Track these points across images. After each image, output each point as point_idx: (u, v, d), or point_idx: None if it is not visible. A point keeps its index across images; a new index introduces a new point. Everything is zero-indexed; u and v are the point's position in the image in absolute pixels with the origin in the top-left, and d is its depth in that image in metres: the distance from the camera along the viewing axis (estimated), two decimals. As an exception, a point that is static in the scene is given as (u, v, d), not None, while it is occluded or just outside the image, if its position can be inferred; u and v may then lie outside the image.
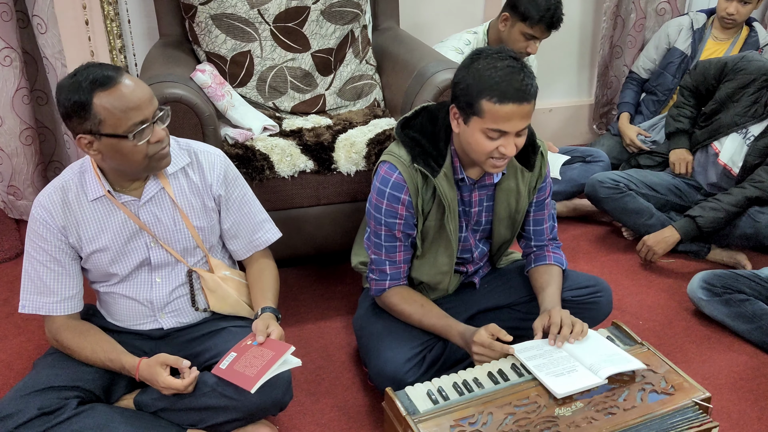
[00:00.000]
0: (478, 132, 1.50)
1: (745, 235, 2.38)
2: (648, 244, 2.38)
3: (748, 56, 2.50)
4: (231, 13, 2.23)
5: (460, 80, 1.51)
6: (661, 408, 1.40)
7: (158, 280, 1.60)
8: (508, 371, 1.52)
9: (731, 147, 2.45)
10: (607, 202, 2.52)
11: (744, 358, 1.99)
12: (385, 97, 2.45)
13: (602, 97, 3.36)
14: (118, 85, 1.37)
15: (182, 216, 1.58)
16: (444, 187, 1.61)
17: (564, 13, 2.42)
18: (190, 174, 1.60)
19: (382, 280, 1.74)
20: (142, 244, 1.56)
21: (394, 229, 1.66)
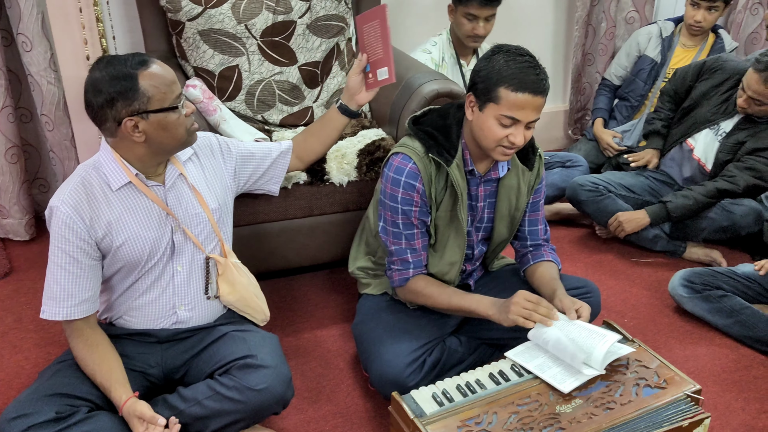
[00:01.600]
0: (492, 118, 1.60)
1: (722, 227, 2.49)
2: (620, 220, 2.50)
3: (723, 56, 2.64)
4: (219, 29, 2.26)
5: (480, 69, 1.61)
6: (655, 401, 1.48)
7: (179, 268, 1.63)
8: (508, 372, 1.57)
9: (704, 143, 2.56)
10: (587, 204, 2.61)
11: (725, 351, 2.09)
12: (371, 108, 2.50)
13: (576, 103, 3.46)
14: (154, 64, 1.48)
15: (199, 199, 1.64)
16: (456, 175, 1.70)
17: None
18: (201, 158, 1.69)
19: (405, 270, 1.78)
20: (168, 230, 1.60)
21: (411, 217, 1.72)
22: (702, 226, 2.51)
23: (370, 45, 1.84)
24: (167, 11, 2.25)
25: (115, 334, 1.63)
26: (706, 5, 2.85)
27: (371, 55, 1.85)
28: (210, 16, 2.25)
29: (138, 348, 1.64)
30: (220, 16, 2.25)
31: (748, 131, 2.43)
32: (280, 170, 1.89)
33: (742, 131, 2.44)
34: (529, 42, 3.18)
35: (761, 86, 2.26)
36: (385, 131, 2.31)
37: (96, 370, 1.52)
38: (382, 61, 1.83)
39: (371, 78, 1.87)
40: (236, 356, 1.58)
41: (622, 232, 2.50)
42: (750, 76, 2.30)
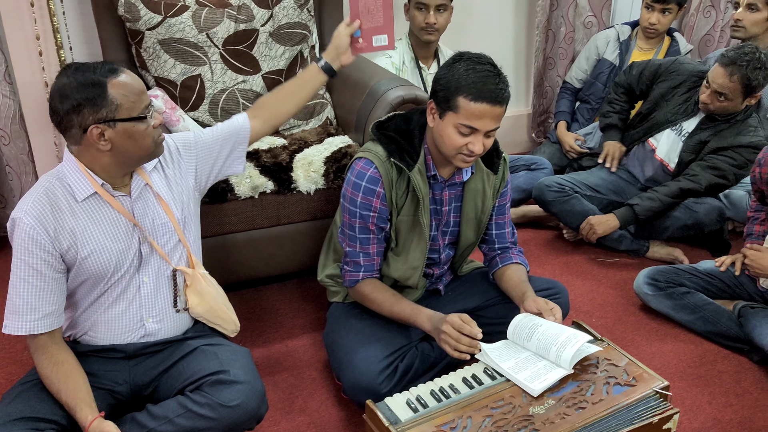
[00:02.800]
0: (451, 127, 1.60)
1: (686, 226, 2.55)
2: (591, 223, 2.54)
3: (680, 59, 2.71)
4: (180, 38, 2.23)
5: (441, 77, 1.62)
6: (625, 399, 1.50)
7: (145, 279, 1.60)
8: (481, 375, 1.58)
9: (666, 143, 2.62)
10: (554, 205, 2.64)
11: (690, 347, 2.13)
12: (337, 116, 2.50)
13: (539, 106, 3.51)
14: (123, 73, 1.45)
15: (165, 209, 1.60)
16: (418, 180, 1.71)
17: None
18: (164, 166, 1.65)
19: (355, 272, 1.80)
20: (135, 241, 1.56)
21: (368, 222, 1.73)
22: (666, 224, 2.57)
23: (369, 13, 1.86)
24: (126, 21, 2.22)
25: (81, 351, 1.58)
26: (660, 8, 2.92)
27: (368, 23, 1.87)
28: (170, 26, 2.22)
29: (104, 365, 1.60)
30: (180, 25, 2.23)
31: (710, 130, 2.49)
32: (243, 148, 1.80)
33: (704, 131, 2.50)
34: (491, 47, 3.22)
35: (726, 80, 2.32)
36: (352, 138, 2.31)
37: (61, 388, 1.47)
38: (382, 29, 1.88)
39: (362, 43, 1.88)
40: (208, 372, 1.54)
41: (594, 235, 2.53)
42: (716, 71, 2.35)
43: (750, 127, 2.43)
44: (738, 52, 2.31)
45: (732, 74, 2.30)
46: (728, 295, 2.20)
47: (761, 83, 2.31)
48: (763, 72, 2.29)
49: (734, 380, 1.99)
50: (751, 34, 2.74)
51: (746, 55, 2.28)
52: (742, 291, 2.18)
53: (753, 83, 2.30)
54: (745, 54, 2.29)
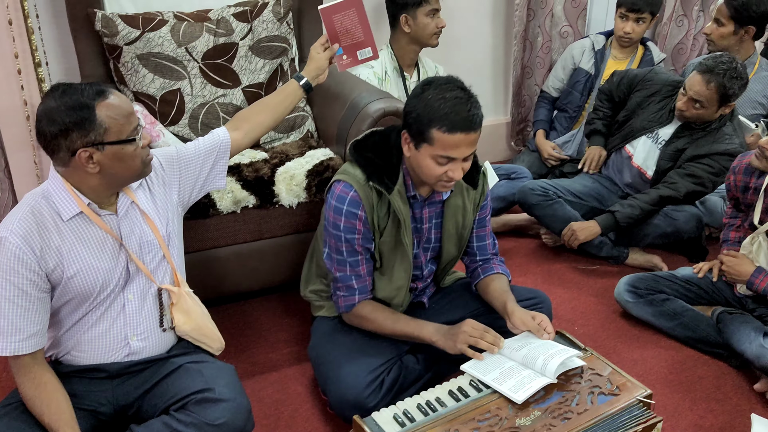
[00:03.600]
0: (428, 158, 1.60)
1: (665, 233, 2.59)
2: (573, 229, 2.56)
3: (655, 69, 2.77)
4: (158, 52, 2.22)
5: (411, 109, 1.60)
6: (610, 408, 1.52)
7: (130, 297, 1.58)
8: (467, 388, 1.59)
9: (643, 150, 2.66)
10: (537, 209, 2.67)
11: (671, 353, 2.17)
12: (317, 128, 2.50)
13: (517, 115, 3.54)
14: (112, 95, 1.44)
15: (151, 226, 1.59)
16: (398, 202, 1.70)
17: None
18: (149, 184, 1.64)
19: (350, 296, 1.79)
20: (122, 259, 1.55)
21: (354, 244, 1.72)
22: (646, 232, 2.60)
23: (347, 32, 1.88)
24: (103, 36, 2.20)
25: (63, 372, 1.56)
26: (634, 17, 2.97)
27: (348, 41, 1.90)
28: (149, 40, 2.21)
29: (87, 385, 1.58)
30: (159, 40, 2.21)
31: (686, 138, 2.53)
32: (224, 161, 1.79)
33: (681, 138, 2.55)
34: (470, 57, 3.25)
35: (703, 87, 2.36)
36: (333, 151, 2.31)
37: (44, 410, 1.45)
38: (364, 43, 1.92)
39: (347, 59, 1.92)
40: (192, 390, 1.53)
41: (576, 241, 2.56)
42: (693, 78, 2.40)
43: (726, 135, 2.48)
44: (716, 60, 2.36)
45: (709, 82, 2.34)
46: (706, 301, 2.24)
47: (737, 93, 2.37)
48: (739, 82, 2.34)
49: (714, 386, 2.02)
50: (721, 47, 2.79)
51: (724, 64, 2.33)
52: (720, 297, 2.21)
53: (729, 92, 2.35)
54: (723, 63, 2.34)
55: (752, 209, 2.07)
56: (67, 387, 1.51)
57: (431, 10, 2.66)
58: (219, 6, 2.35)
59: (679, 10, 3.49)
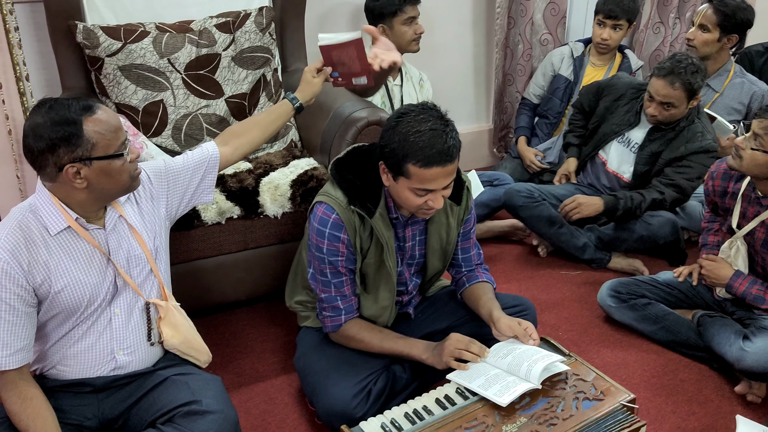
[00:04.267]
0: (407, 190, 1.60)
1: (641, 237, 2.62)
2: (579, 201, 2.56)
3: (618, 75, 2.83)
4: (140, 64, 2.22)
5: (387, 143, 1.58)
6: (594, 414, 1.53)
7: (117, 312, 1.57)
8: (454, 396, 1.60)
9: (616, 155, 2.70)
10: (523, 210, 2.70)
11: (653, 356, 2.19)
12: (301, 138, 2.51)
13: (499, 122, 3.58)
14: (99, 110, 1.44)
15: (139, 241, 1.59)
16: (380, 226, 1.70)
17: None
18: (137, 197, 1.64)
19: (337, 316, 1.79)
20: (110, 274, 1.55)
21: (338, 266, 1.72)
22: (624, 236, 2.64)
23: (344, 64, 1.90)
24: (85, 47, 2.19)
25: (48, 387, 1.55)
26: (611, 24, 3.02)
27: (344, 70, 1.91)
28: (131, 51, 2.20)
29: (72, 400, 1.57)
30: (141, 51, 2.21)
31: (659, 141, 2.58)
32: (213, 176, 1.79)
33: (654, 142, 2.59)
34: (452, 65, 3.27)
35: (669, 89, 2.41)
36: (317, 160, 2.32)
37: (30, 425, 1.44)
38: (360, 73, 1.90)
39: (341, 81, 1.93)
40: (179, 402, 1.53)
41: (578, 215, 2.55)
42: (656, 83, 2.44)
43: (697, 133, 2.52)
44: (672, 61, 2.41)
45: (674, 83, 2.39)
46: (687, 304, 2.27)
47: (701, 84, 2.43)
48: (701, 74, 2.42)
49: (696, 388, 2.05)
50: (703, 54, 2.84)
51: (681, 62, 2.39)
52: (700, 300, 2.25)
53: (694, 86, 2.41)
54: (680, 62, 2.39)
55: (730, 214, 2.11)
56: (53, 402, 1.50)
57: (407, 18, 2.69)
58: (201, 17, 2.36)
59: (655, 17, 3.54)
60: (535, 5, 3.30)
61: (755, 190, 2.00)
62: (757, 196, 1.99)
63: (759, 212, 1.99)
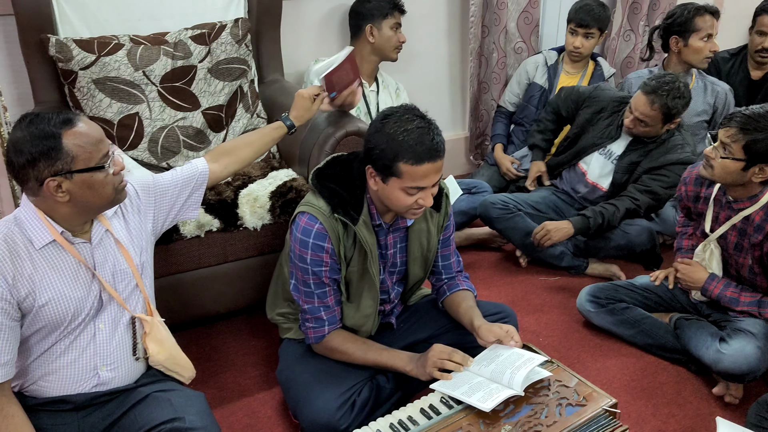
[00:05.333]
0: (397, 190, 1.61)
1: (619, 245, 2.66)
2: (548, 228, 2.57)
3: (601, 86, 2.85)
4: (115, 77, 2.20)
5: (375, 145, 1.59)
6: (578, 419, 1.54)
7: (101, 327, 1.55)
8: (438, 405, 1.60)
9: (597, 167, 2.74)
10: (498, 221, 2.72)
11: (632, 360, 2.22)
12: (279, 149, 2.50)
13: (476, 129, 3.61)
14: (80, 122, 1.43)
15: (125, 255, 1.58)
16: (364, 233, 1.70)
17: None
18: (124, 211, 1.62)
19: (320, 327, 1.78)
20: (96, 288, 1.53)
21: (322, 276, 1.72)
22: (601, 245, 2.68)
23: (341, 80, 2.01)
24: (58, 61, 2.17)
25: (28, 405, 1.51)
26: (583, 32, 3.07)
27: (342, 86, 2.03)
28: (105, 64, 2.18)
29: (53, 419, 1.54)
30: (115, 64, 2.19)
31: (639, 151, 2.62)
32: (200, 192, 1.79)
33: (634, 152, 2.63)
34: (428, 74, 3.29)
35: (647, 108, 2.45)
36: (296, 171, 2.32)
37: None
38: (353, 79, 2.06)
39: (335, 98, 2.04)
40: (162, 420, 1.50)
41: (549, 241, 2.58)
42: (638, 98, 2.48)
43: (677, 144, 2.57)
44: (659, 81, 2.44)
45: (653, 103, 2.43)
46: (664, 308, 2.31)
47: (680, 111, 2.46)
48: (682, 101, 2.43)
49: (675, 391, 2.08)
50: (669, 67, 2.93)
51: (666, 84, 2.42)
52: (677, 303, 2.29)
53: (672, 111, 2.44)
54: (666, 83, 2.42)
55: (703, 218, 2.15)
56: (33, 421, 1.47)
57: (395, 23, 2.73)
58: (176, 29, 2.34)
59: (626, 25, 3.61)
60: (508, 14, 3.34)
61: (726, 195, 2.04)
62: (728, 200, 2.03)
63: (730, 216, 2.04)
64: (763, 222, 1.95)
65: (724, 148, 1.92)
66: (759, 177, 1.90)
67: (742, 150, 1.88)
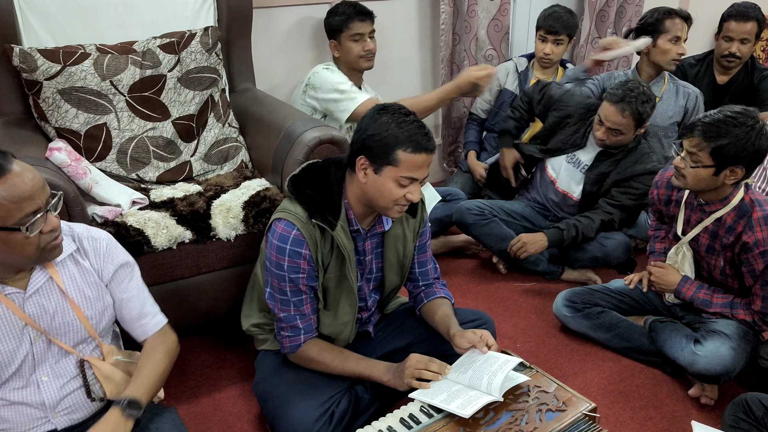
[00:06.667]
0: (390, 181, 1.62)
1: (595, 258, 2.69)
2: (524, 241, 2.60)
3: (572, 91, 2.86)
4: (81, 87, 2.15)
5: (373, 133, 1.61)
6: (558, 425, 1.54)
7: (44, 379, 1.46)
8: (418, 414, 1.59)
9: (566, 176, 2.76)
10: (474, 228, 2.72)
11: (609, 364, 2.23)
12: (252, 158, 2.47)
13: (448, 137, 3.61)
14: (8, 174, 1.27)
15: (72, 306, 1.47)
16: (342, 238, 1.69)
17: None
18: (79, 260, 1.49)
19: (296, 336, 1.76)
20: (27, 340, 1.42)
21: (299, 284, 1.70)
22: (577, 256, 2.70)
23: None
24: (22, 71, 2.11)
25: None
26: (553, 39, 3.10)
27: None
28: (70, 74, 2.13)
29: None
30: (81, 74, 2.14)
31: (608, 162, 2.64)
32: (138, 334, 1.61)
33: (603, 162, 2.65)
34: (400, 82, 3.28)
35: (619, 117, 2.47)
36: (269, 181, 2.29)
37: None
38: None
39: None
40: None
41: (525, 253, 2.60)
42: (607, 109, 2.49)
43: (644, 154, 2.60)
44: (624, 89, 2.45)
45: (623, 110, 2.44)
46: (638, 311, 2.33)
47: (649, 114, 2.49)
48: (650, 104, 2.47)
49: (651, 393, 2.10)
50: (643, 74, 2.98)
51: (632, 91, 2.44)
52: (651, 306, 2.31)
53: (643, 116, 2.47)
54: (631, 90, 2.44)
55: (675, 221, 2.17)
56: None
57: (353, 34, 2.69)
58: (144, 38, 2.30)
59: (594, 32, 3.66)
60: (478, 22, 3.36)
61: (697, 198, 2.07)
62: (700, 203, 2.06)
63: (702, 219, 2.06)
64: (735, 223, 1.98)
65: (691, 157, 1.94)
66: (731, 179, 1.93)
67: (709, 156, 1.90)
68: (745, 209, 1.97)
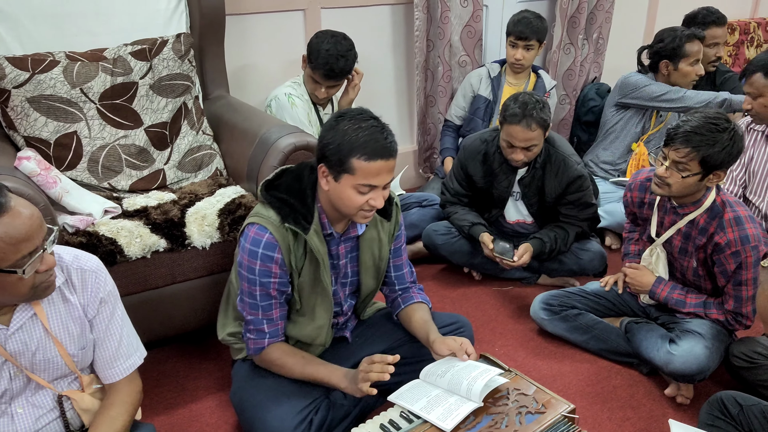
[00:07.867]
0: (349, 188, 1.59)
1: (572, 270, 2.70)
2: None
3: (464, 146, 2.73)
4: (50, 95, 2.11)
5: (329, 141, 1.59)
6: (538, 427, 1.55)
7: (20, 411, 1.41)
8: (398, 420, 1.58)
9: (513, 208, 2.73)
10: (443, 248, 2.73)
11: (586, 365, 2.25)
12: (226, 166, 2.45)
13: (424, 143, 3.62)
14: (7, 213, 1.20)
15: (56, 344, 1.40)
16: (315, 242, 1.68)
17: (347, 65, 2.66)
18: (66, 294, 1.42)
19: (260, 339, 1.75)
20: (6, 376, 1.37)
21: (270, 288, 1.68)
22: (554, 267, 2.70)
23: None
24: (-11, 79, 2.07)
25: None
26: (523, 44, 3.13)
27: None
28: (39, 82, 2.09)
29: None
30: (51, 81, 2.11)
31: (530, 177, 2.59)
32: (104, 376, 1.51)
33: (526, 177, 2.60)
34: (375, 89, 3.29)
35: (528, 132, 2.40)
36: (244, 188, 2.27)
37: None
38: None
39: None
40: None
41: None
42: (512, 130, 2.40)
43: (560, 163, 2.55)
44: (519, 104, 2.39)
45: (530, 125, 2.38)
46: (615, 312, 2.35)
47: (550, 117, 2.46)
48: (547, 108, 2.44)
49: (628, 394, 2.11)
50: None
51: (527, 104, 2.38)
52: (626, 307, 2.33)
53: (548, 121, 2.44)
54: (526, 104, 2.39)
55: (649, 223, 2.20)
56: None
57: (314, 77, 2.66)
58: (115, 45, 2.27)
59: (566, 39, 3.71)
60: (452, 28, 3.38)
61: (670, 201, 2.09)
62: (673, 205, 2.09)
63: (675, 221, 2.09)
64: (707, 224, 2.01)
65: (677, 167, 1.95)
66: (714, 181, 1.97)
67: (698, 165, 1.92)
68: (717, 211, 2.00)
